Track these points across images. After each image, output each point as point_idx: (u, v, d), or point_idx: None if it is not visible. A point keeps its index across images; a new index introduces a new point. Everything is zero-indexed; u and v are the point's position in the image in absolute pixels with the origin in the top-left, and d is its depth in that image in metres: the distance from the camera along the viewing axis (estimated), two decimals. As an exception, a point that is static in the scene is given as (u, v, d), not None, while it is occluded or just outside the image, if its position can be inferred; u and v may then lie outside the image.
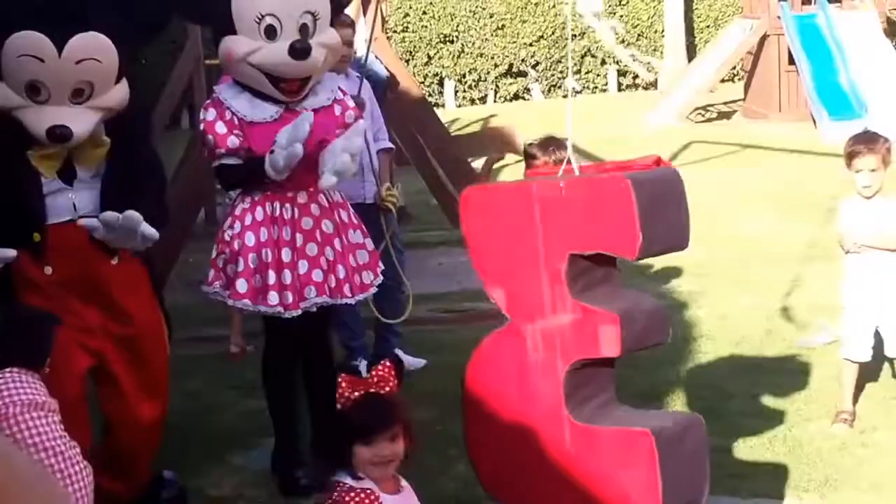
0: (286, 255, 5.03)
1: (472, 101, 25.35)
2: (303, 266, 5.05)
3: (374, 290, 5.41)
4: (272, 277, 5.00)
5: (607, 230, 3.94)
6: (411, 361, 7.07)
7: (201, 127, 5.12)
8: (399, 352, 7.05)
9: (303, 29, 5.00)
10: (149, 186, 4.85)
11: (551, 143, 5.57)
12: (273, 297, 5.00)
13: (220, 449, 5.89)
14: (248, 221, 5.07)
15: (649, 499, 3.88)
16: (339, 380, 3.61)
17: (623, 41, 25.94)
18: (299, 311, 5.04)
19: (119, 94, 4.69)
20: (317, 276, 5.07)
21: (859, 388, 6.01)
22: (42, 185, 4.60)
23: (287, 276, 5.02)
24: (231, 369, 7.17)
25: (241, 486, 5.51)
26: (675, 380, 6.54)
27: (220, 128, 5.06)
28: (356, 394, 3.56)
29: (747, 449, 5.55)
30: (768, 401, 6.14)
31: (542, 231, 4.01)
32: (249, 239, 5.04)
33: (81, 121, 4.53)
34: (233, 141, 5.04)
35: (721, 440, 5.63)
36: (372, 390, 3.58)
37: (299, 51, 4.90)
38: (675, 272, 9.10)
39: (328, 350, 5.56)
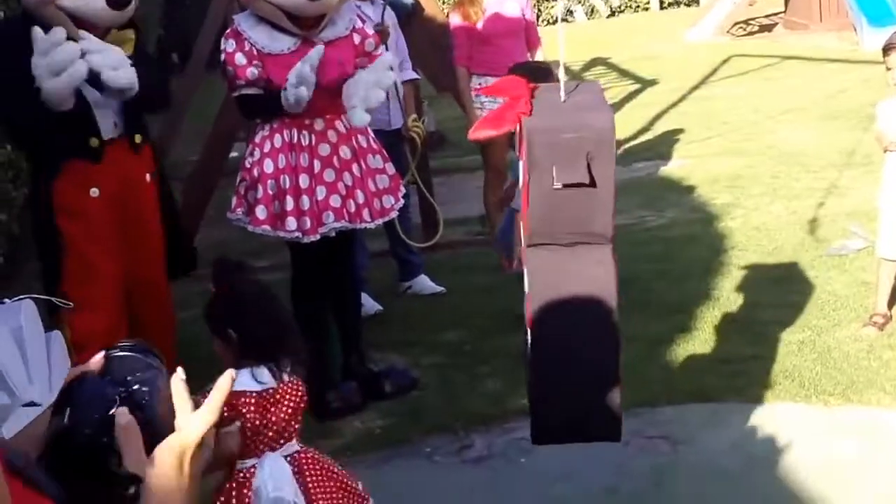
0: (304, 181, 5.08)
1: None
2: (321, 192, 5.09)
3: (395, 214, 5.45)
4: (290, 203, 5.06)
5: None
6: (431, 287, 7.11)
7: (222, 57, 5.15)
8: (423, 277, 7.10)
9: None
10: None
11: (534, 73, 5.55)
12: (291, 223, 5.06)
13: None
14: (266, 148, 5.12)
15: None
16: None
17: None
18: (317, 237, 5.10)
19: None
20: (335, 201, 5.11)
21: (893, 293, 5.96)
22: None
23: (305, 202, 5.07)
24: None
25: (274, 411, 5.58)
26: (704, 292, 6.53)
27: (240, 59, 5.09)
28: None
29: (776, 357, 5.55)
30: (798, 309, 6.12)
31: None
32: (268, 166, 5.09)
33: None
34: (252, 72, 5.08)
35: (750, 349, 5.66)
36: None
37: None
38: (711, 185, 9.06)
39: (352, 275, 5.61)
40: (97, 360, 1.59)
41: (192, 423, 1.50)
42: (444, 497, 4.65)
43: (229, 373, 1.56)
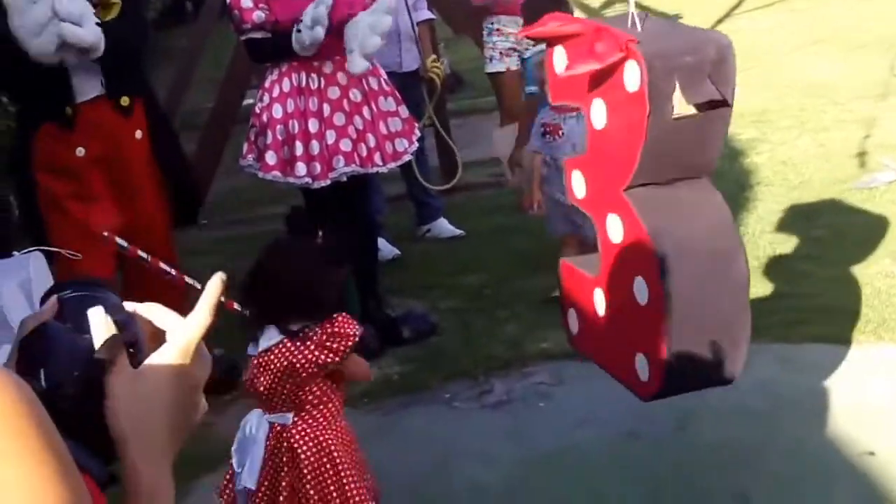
0: (313, 125, 4.96)
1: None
2: (330, 136, 4.98)
3: (408, 157, 5.33)
4: (299, 148, 4.95)
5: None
6: (450, 230, 6.99)
7: (227, 1, 5.03)
8: (442, 220, 6.99)
9: None
10: None
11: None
12: (301, 169, 4.95)
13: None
14: (275, 93, 5.01)
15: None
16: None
17: None
18: (328, 182, 4.99)
19: None
20: (345, 145, 5.00)
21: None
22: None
23: (315, 147, 4.96)
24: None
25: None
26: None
27: (246, 2, 4.97)
28: None
29: (804, 295, 5.41)
30: (827, 245, 5.98)
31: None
32: (277, 111, 4.98)
33: None
34: (258, 15, 4.96)
35: (777, 287, 5.52)
36: None
37: None
38: (737, 119, 8.84)
39: (368, 219, 5.50)
40: (50, 305, 1.44)
41: (190, 323, 1.37)
42: (464, 443, 4.55)
43: (219, 275, 1.42)
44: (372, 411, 4.86)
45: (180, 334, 1.37)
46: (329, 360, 3.28)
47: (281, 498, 3.33)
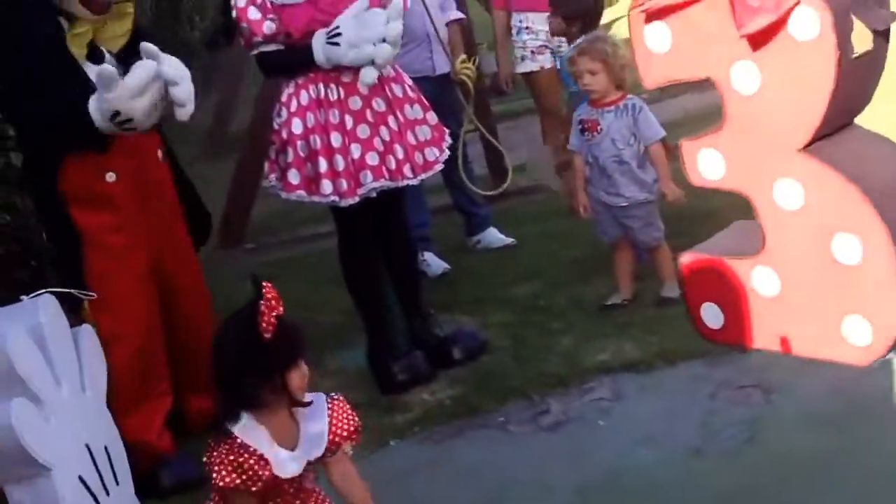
0: (336, 139, 4.68)
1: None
2: (355, 150, 4.69)
3: (440, 166, 5.02)
4: (323, 165, 4.67)
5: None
6: (500, 239, 6.69)
7: (234, 14, 4.77)
8: (492, 229, 6.71)
9: None
10: None
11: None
12: (326, 187, 4.68)
13: (316, 352, 5.61)
14: (293, 107, 4.74)
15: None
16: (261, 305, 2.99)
17: None
18: (356, 199, 4.70)
19: None
20: (372, 159, 4.71)
21: None
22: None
23: (339, 163, 4.67)
24: (330, 265, 6.92)
25: (337, 389, 5.21)
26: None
27: (254, 13, 4.70)
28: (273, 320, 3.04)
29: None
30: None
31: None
32: (296, 126, 4.71)
33: None
34: (269, 26, 4.69)
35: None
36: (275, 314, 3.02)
37: None
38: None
39: (405, 235, 5.20)
40: None
41: None
42: (519, 471, 4.24)
43: None
44: (423, 441, 4.61)
45: None
46: None
47: None
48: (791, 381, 4.39)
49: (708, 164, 3.18)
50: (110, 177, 4.36)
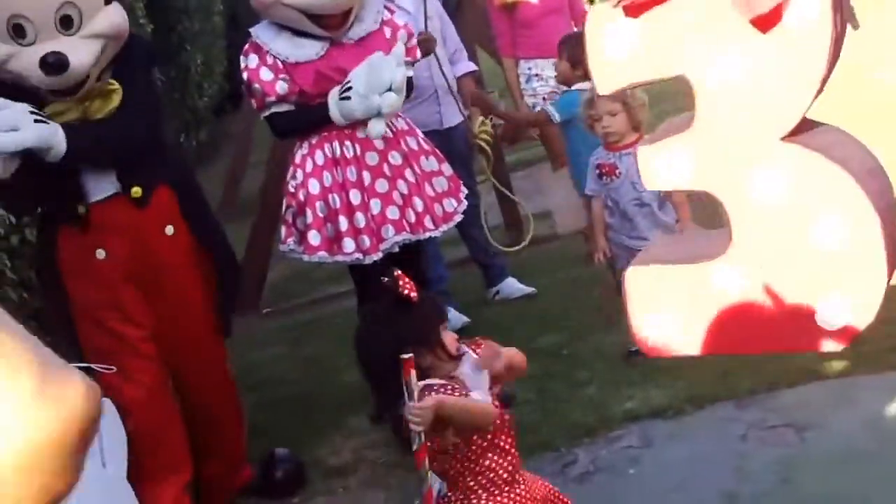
0: (355, 196, 4.67)
1: None
2: (375, 205, 4.69)
3: (459, 217, 5.01)
4: (344, 224, 4.66)
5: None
6: (520, 289, 6.65)
7: (244, 76, 4.78)
8: (510, 280, 6.66)
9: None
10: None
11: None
12: (349, 245, 4.66)
13: (340, 413, 5.58)
14: (309, 168, 4.74)
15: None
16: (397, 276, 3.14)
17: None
18: (380, 255, 4.69)
19: (113, 17, 4.08)
20: (392, 213, 4.70)
21: None
22: None
23: (360, 220, 4.66)
24: (351, 325, 6.87)
25: (361, 448, 5.19)
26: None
27: (266, 74, 4.72)
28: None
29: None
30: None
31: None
32: (314, 186, 4.70)
33: (79, 51, 3.94)
34: (281, 86, 4.71)
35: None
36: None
37: None
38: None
39: (426, 288, 5.18)
40: None
41: None
42: (551, 522, 4.17)
43: None
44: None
45: None
46: None
47: None
48: (823, 418, 4.34)
49: (671, 166, 3.11)
50: (100, 254, 4.23)
